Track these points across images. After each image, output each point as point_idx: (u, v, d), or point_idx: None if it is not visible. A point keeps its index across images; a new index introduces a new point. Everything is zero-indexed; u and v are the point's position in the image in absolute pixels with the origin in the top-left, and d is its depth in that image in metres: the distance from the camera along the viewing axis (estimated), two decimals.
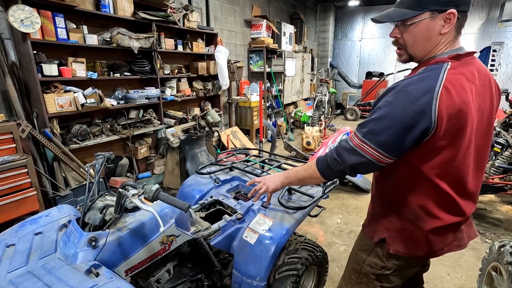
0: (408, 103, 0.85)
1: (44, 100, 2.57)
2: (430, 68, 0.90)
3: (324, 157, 1.05)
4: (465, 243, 1.08)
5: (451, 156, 0.93)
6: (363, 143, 0.92)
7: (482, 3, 8.29)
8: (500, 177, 3.11)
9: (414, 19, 0.91)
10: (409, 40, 0.95)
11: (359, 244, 1.24)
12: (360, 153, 0.93)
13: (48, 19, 2.55)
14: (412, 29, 0.92)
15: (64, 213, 1.37)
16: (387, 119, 0.88)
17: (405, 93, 0.87)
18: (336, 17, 10.35)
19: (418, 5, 0.89)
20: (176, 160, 3.76)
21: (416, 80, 0.89)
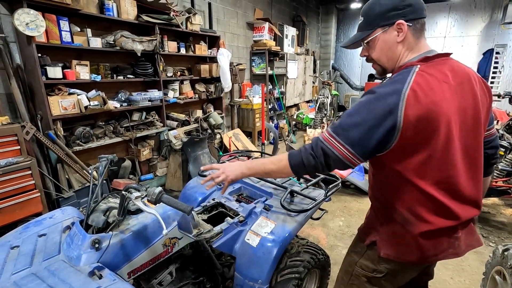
0: (377, 102, 0.91)
1: (48, 103, 2.60)
2: (400, 73, 0.96)
3: (298, 152, 1.03)
4: (462, 251, 1.04)
5: (427, 156, 0.93)
6: (331, 138, 0.96)
7: (484, 5, 8.27)
8: (504, 180, 3.09)
9: (369, 37, 1.02)
10: (375, 54, 1.05)
11: (353, 246, 1.25)
12: (328, 148, 0.96)
13: (53, 22, 2.58)
14: (372, 45, 1.04)
15: (68, 215, 1.38)
16: (356, 116, 0.93)
17: (375, 94, 0.92)
18: (338, 19, 10.37)
19: (369, 25, 1.02)
20: (178, 162, 3.77)
21: (386, 83, 0.95)
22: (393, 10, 0.96)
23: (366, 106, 0.92)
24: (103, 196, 1.25)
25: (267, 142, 6.12)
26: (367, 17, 1.03)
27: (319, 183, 1.93)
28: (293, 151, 1.06)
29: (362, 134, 0.91)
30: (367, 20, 1.02)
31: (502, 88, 8.35)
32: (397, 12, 0.96)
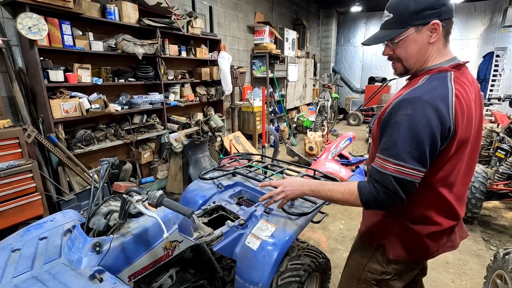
0: (432, 114, 0.85)
1: (50, 106, 2.61)
2: (435, 77, 0.92)
3: (369, 188, 0.94)
4: (457, 244, 1.11)
5: (455, 165, 0.96)
6: (402, 167, 0.87)
7: (484, 8, 8.31)
8: (505, 183, 3.08)
9: (400, 36, 0.95)
10: (402, 54, 0.99)
11: (357, 250, 1.24)
12: (404, 178, 0.88)
13: (55, 26, 2.60)
14: (401, 45, 0.97)
15: (69, 218, 1.38)
16: (414, 133, 0.86)
17: (425, 104, 0.86)
18: (339, 23, 10.41)
19: (402, 23, 0.94)
20: (179, 165, 3.78)
21: (428, 90, 0.89)
22: (429, 8, 0.90)
23: (422, 120, 0.85)
24: (104, 199, 1.25)
25: (268, 145, 6.13)
26: (398, 14, 0.95)
27: None
28: (363, 184, 0.97)
29: (426, 150, 0.86)
30: (399, 17, 0.94)
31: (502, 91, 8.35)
32: (433, 12, 0.90)
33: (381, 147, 0.93)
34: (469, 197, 2.82)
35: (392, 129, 0.90)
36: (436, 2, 0.90)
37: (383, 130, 0.95)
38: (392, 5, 0.97)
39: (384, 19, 1.00)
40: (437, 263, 2.47)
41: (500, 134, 3.63)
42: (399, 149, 0.87)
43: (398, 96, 0.96)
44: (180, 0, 4.28)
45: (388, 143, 0.90)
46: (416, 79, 0.98)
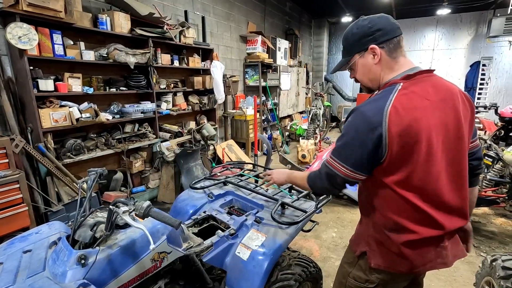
0: (362, 122, 0.98)
1: (39, 115, 2.58)
2: (383, 91, 1.03)
3: (314, 174, 1.18)
4: (449, 261, 1.06)
5: (411, 170, 0.98)
6: (332, 160, 1.06)
7: (470, 19, 8.59)
8: (493, 190, 3.14)
9: (350, 62, 1.14)
10: (358, 76, 1.16)
11: (345, 257, 1.27)
12: (332, 170, 1.06)
13: (46, 36, 2.60)
14: (355, 69, 1.15)
15: (55, 230, 1.36)
16: (346, 136, 1.03)
17: (360, 114, 1.00)
18: (330, 33, 10.62)
19: (348, 52, 1.13)
20: (171, 174, 3.75)
21: (369, 102, 1.02)
22: (364, 37, 1.05)
23: (353, 126, 1.01)
24: (91, 211, 1.24)
25: (261, 153, 6.14)
26: (345, 46, 1.15)
27: (310, 195, 1.94)
28: (313, 173, 1.19)
29: (354, 152, 1.00)
30: (346, 48, 1.15)
31: (489, 99, 8.57)
32: (368, 38, 1.05)
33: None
34: None
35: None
36: (368, 30, 1.04)
37: None
38: (342, 39, 1.17)
39: (341, 51, 1.20)
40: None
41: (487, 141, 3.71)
42: (336, 148, 1.07)
43: None
44: (172, 10, 4.33)
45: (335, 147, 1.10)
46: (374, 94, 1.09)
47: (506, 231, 3.15)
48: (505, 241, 2.96)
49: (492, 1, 7.45)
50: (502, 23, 7.46)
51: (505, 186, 3.03)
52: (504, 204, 3.00)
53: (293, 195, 1.96)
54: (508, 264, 1.55)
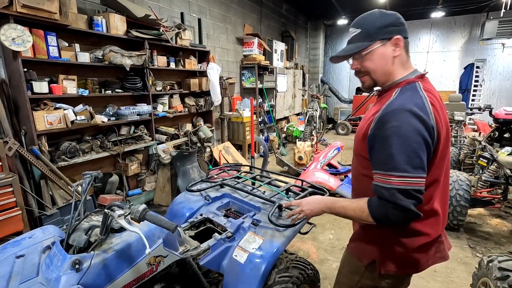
0: (418, 122, 0.89)
1: (33, 118, 2.55)
2: (407, 89, 0.99)
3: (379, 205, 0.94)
4: (447, 255, 1.12)
5: (442, 167, 1.00)
6: (403, 178, 0.88)
7: (464, 22, 8.69)
8: (488, 191, 3.16)
9: (368, 49, 1.02)
10: (370, 66, 1.04)
11: (348, 266, 1.23)
12: (408, 190, 0.88)
13: (40, 37, 2.58)
14: (369, 57, 1.03)
15: (49, 234, 1.33)
16: (407, 142, 0.88)
17: (411, 113, 0.90)
18: (326, 35, 10.69)
19: (369, 37, 1.01)
20: (167, 176, 3.73)
21: (405, 100, 0.94)
22: (392, 25, 1.00)
23: (412, 128, 0.89)
24: (85, 214, 1.22)
25: (257, 155, 6.13)
26: (366, 29, 1.02)
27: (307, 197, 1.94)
28: (372, 200, 0.97)
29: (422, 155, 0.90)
30: (367, 32, 1.01)
31: (483, 101, 8.68)
32: (395, 28, 1.00)
33: (376, 163, 0.96)
34: (454, 205, 2.87)
35: (383, 144, 0.92)
36: (397, 21, 1.01)
37: (372, 146, 0.97)
38: (359, 22, 1.04)
39: (351, 35, 1.06)
40: (426, 272, 2.46)
41: (482, 142, 3.75)
42: (397, 161, 0.89)
43: (376, 112, 1.00)
44: (169, 12, 4.32)
45: (384, 158, 0.92)
46: (388, 93, 1.03)
47: (501, 232, 3.17)
48: (501, 242, 2.98)
49: (485, 4, 7.56)
50: (495, 25, 7.58)
51: (500, 187, 3.06)
52: (499, 205, 3.03)
53: (290, 197, 1.95)
54: (504, 265, 1.56)
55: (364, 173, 1.09)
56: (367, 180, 1.07)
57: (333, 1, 7.64)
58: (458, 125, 4.73)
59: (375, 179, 0.96)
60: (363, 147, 1.04)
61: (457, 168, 4.28)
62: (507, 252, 2.79)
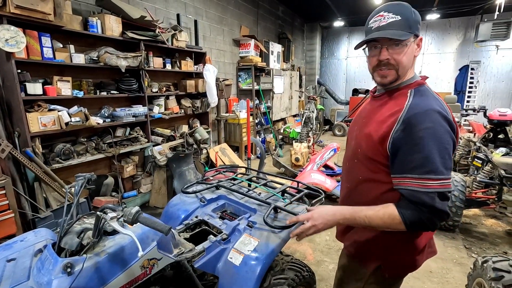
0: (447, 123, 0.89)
1: (26, 119, 2.53)
2: (421, 90, 0.98)
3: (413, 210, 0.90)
4: (436, 249, 1.14)
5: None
6: (443, 181, 0.87)
7: (458, 24, 8.78)
8: (483, 191, 3.18)
9: (409, 40, 0.95)
10: (403, 60, 0.96)
11: (350, 274, 1.21)
12: (445, 192, 0.87)
13: (34, 38, 2.56)
14: (404, 50, 0.95)
15: (41, 237, 1.32)
16: (442, 144, 0.87)
17: (440, 115, 0.89)
18: (323, 37, 10.73)
19: (409, 27, 0.94)
20: (163, 178, 3.71)
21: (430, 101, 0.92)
22: (419, 23, 0.98)
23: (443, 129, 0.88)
24: (78, 217, 1.20)
25: (254, 156, 6.12)
26: (406, 18, 0.93)
27: (302, 198, 1.94)
28: (403, 207, 0.92)
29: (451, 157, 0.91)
30: (407, 21, 0.93)
31: (478, 102, 8.75)
32: (420, 27, 0.98)
33: (407, 167, 0.90)
34: (449, 205, 2.88)
35: (416, 146, 0.88)
36: (420, 21, 0.98)
37: (399, 148, 0.92)
38: (396, 9, 0.95)
39: (388, 20, 0.94)
40: (421, 273, 2.49)
41: (476, 143, 3.77)
42: (436, 163, 0.86)
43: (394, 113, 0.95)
44: (165, 14, 4.31)
45: (418, 161, 0.88)
46: (399, 94, 1.00)
47: (496, 232, 3.19)
48: (496, 242, 3.00)
49: (479, 7, 7.64)
50: (489, 28, 7.65)
51: (495, 187, 3.07)
52: (494, 205, 3.05)
53: (285, 199, 1.95)
54: (499, 265, 1.57)
55: (372, 178, 1.03)
56: (375, 185, 1.03)
57: (330, 3, 7.68)
58: None
59: (404, 183, 0.91)
60: (378, 150, 0.97)
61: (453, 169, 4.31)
62: (502, 252, 2.81)
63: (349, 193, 1.17)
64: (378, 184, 1.02)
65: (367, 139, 1.02)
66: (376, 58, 0.99)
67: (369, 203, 1.01)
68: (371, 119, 1.04)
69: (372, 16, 1.00)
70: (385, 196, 1.00)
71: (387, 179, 0.98)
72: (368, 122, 1.05)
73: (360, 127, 1.10)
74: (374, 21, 0.98)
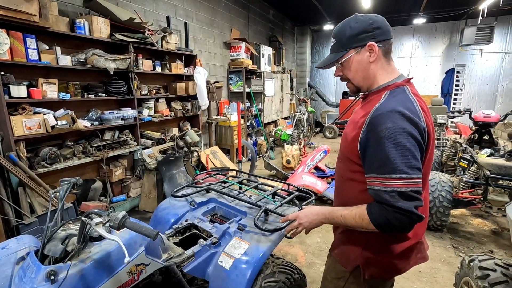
0: (409, 123, 0.89)
1: (10, 123, 2.46)
2: (396, 92, 0.99)
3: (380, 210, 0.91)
4: (427, 255, 1.14)
5: (428, 167, 1.02)
6: (403, 180, 0.87)
7: (444, 29, 9.01)
8: (469, 192, 3.25)
9: (343, 58, 1.05)
10: (350, 74, 1.08)
11: (332, 271, 1.22)
12: (408, 191, 0.87)
13: (19, 40, 2.50)
14: (346, 65, 1.06)
15: (24, 245, 1.27)
16: (401, 144, 0.87)
17: (402, 115, 0.90)
18: (313, 40, 10.85)
19: (343, 46, 1.05)
20: (153, 182, 3.66)
21: (396, 103, 0.93)
22: (363, 32, 1.00)
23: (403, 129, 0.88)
24: (62, 223, 1.17)
25: (245, 159, 6.11)
26: (339, 39, 1.05)
27: (293, 200, 1.94)
28: (372, 207, 0.94)
29: (417, 156, 0.89)
30: (340, 42, 1.05)
31: (464, 104, 8.98)
32: (367, 35, 1.00)
33: (372, 167, 0.93)
34: (437, 205, 2.94)
35: (378, 146, 0.90)
36: (369, 27, 1.00)
37: (365, 149, 0.95)
38: (335, 32, 1.08)
39: (331, 45, 1.11)
40: (411, 273, 2.52)
41: (462, 144, 3.86)
42: (395, 163, 0.87)
43: (365, 115, 0.98)
44: (154, 16, 4.28)
45: (381, 160, 0.90)
46: (376, 96, 1.02)
47: (482, 231, 3.26)
48: (482, 241, 3.06)
49: (464, 12, 7.87)
50: (473, 32, 7.88)
51: (480, 187, 3.14)
52: (480, 205, 3.11)
53: (276, 201, 1.94)
54: (485, 264, 1.60)
55: (351, 177, 1.07)
56: (354, 184, 1.07)
57: (319, 7, 7.77)
58: (440, 128, 4.87)
59: (371, 183, 0.94)
60: (352, 150, 1.02)
61: (440, 169, 4.39)
62: (488, 251, 2.87)
63: (337, 192, 1.23)
64: (356, 183, 1.05)
65: (344, 140, 1.09)
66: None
67: (351, 201, 1.06)
68: (351, 121, 1.10)
69: None
70: (363, 195, 1.01)
71: (362, 178, 1.01)
72: (349, 124, 1.11)
73: (346, 128, 1.14)
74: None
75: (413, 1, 7.40)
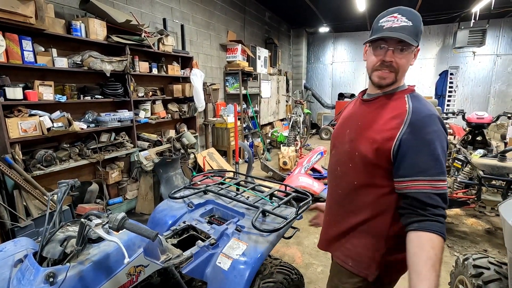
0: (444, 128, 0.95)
1: (5, 125, 2.44)
2: (416, 96, 1.02)
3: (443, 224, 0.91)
4: None
5: None
6: (446, 182, 0.91)
7: (438, 31, 9.14)
8: (463, 192, 3.29)
9: (414, 47, 0.98)
10: (404, 65, 0.99)
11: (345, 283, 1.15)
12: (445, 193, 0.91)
13: (14, 42, 2.48)
14: (407, 56, 0.98)
15: (21, 247, 1.27)
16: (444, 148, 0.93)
17: (439, 119, 0.94)
18: (309, 42, 10.92)
19: (416, 36, 0.96)
20: (149, 184, 3.65)
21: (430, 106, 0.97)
22: (421, 33, 0.99)
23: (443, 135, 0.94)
24: (61, 225, 1.17)
25: (242, 160, 6.12)
26: (416, 26, 0.95)
27: (290, 201, 1.95)
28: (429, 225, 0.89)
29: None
30: (416, 29, 0.96)
31: (457, 106, 9.09)
32: (420, 37, 0.99)
33: (416, 169, 0.90)
34: None
35: (427, 148, 0.90)
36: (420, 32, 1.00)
37: (408, 150, 0.92)
38: (409, 14, 0.96)
39: (400, 23, 0.95)
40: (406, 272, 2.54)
41: (456, 145, 3.91)
42: (444, 165, 0.90)
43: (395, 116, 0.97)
44: (151, 18, 4.29)
45: (430, 163, 0.89)
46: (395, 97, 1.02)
47: (476, 231, 3.31)
48: (476, 240, 3.11)
49: (457, 15, 7.99)
50: (466, 35, 8.01)
51: (474, 187, 3.19)
52: (473, 205, 3.15)
53: (273, 202, 1.96)
54: (478, 262, 1.63)
55: (369, 183, 1.02)
56: (372, 190, 1.02)
57: (315, 10, 7.84)
58: None
59: (411, 186, 0.91)
60: (381, 153, 0.97)
61: None
62: (482, 250, 2.91)
63: (340, 199, 1.15)
64: (375, 188, 1.02)
65: (368, 142, 1.00)
66: (380, 58, 0.99)
67: (363, 208, 1.04)
68: (371, 122, 1.03)
69: (384, 16, 0.99)
70: (381, 201, 1.01)
71: (384, 182, 0.99)
72: (367, 125, 1.03)
73: (356, 130, 1.07)
74: (387, 21, 0.97)
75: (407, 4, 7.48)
